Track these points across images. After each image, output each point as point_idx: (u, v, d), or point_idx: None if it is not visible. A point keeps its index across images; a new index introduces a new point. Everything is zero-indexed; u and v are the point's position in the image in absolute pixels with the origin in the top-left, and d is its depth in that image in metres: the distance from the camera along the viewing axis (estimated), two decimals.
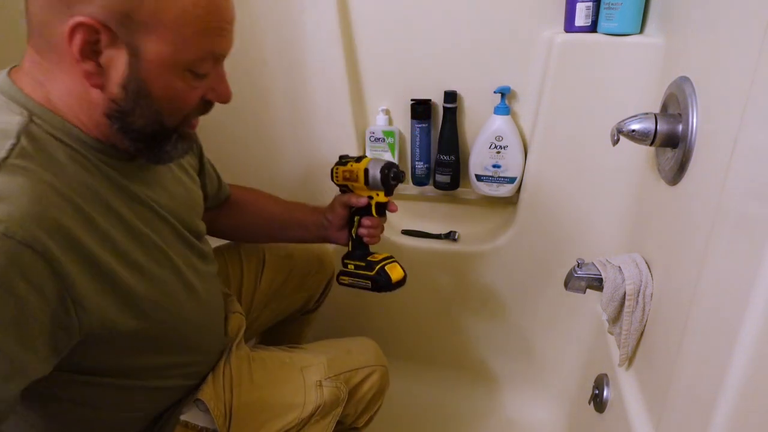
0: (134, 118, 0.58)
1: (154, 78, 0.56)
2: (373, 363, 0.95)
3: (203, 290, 0.75)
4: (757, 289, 0.46)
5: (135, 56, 0.54)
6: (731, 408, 0.50)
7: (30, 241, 0.48)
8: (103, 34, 0.52)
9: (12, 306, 0.48)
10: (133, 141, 0.60)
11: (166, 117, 0.60)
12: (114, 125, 0.58)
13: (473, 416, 1.30)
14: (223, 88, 0.64)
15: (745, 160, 0.52)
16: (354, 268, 0.94)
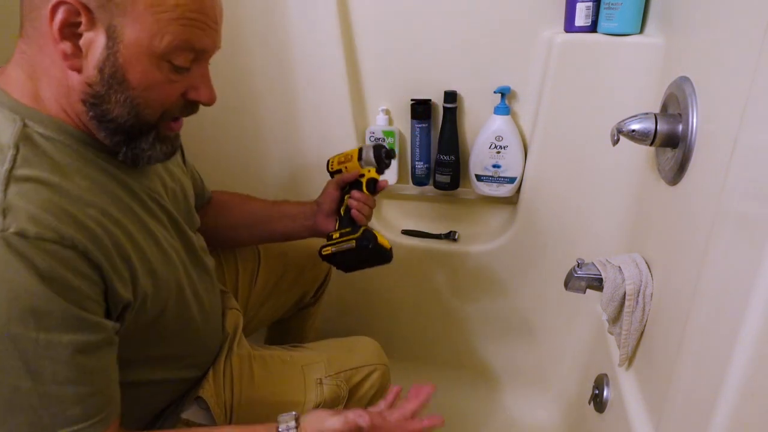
0: (110, 105, 0.57)
1: (131, 63, 0.55)
2: (374, 362, 0.95)
3: (200, 283, 0.76)
4: (757, 289, 0.46)
5: (112, 39, 0.54)
6: (731, 408, 0.50)
7: (61, 239, 0.51)
8: (83, 14, 0.53)
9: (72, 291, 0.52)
10: (109, 133, 0.59)
11: (143, 109, 0.59)
12: (89, 112, 0.57)
13: (473, 416, 1.30)
14: (205, 88, 0.62)
15: (745, 160, 0.52)
16: (339, 236, 0.90)
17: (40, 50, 0.56)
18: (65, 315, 0.52)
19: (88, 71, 0.55)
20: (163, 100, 0.60)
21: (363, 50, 1.12)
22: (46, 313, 0.50)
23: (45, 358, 0.51)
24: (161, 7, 0.54)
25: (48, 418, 0.53)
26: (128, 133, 0.60)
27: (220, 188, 0.98)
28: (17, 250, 0.48)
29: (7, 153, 0.52)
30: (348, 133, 1.16)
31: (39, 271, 0.49)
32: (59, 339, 0.52)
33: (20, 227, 0.49)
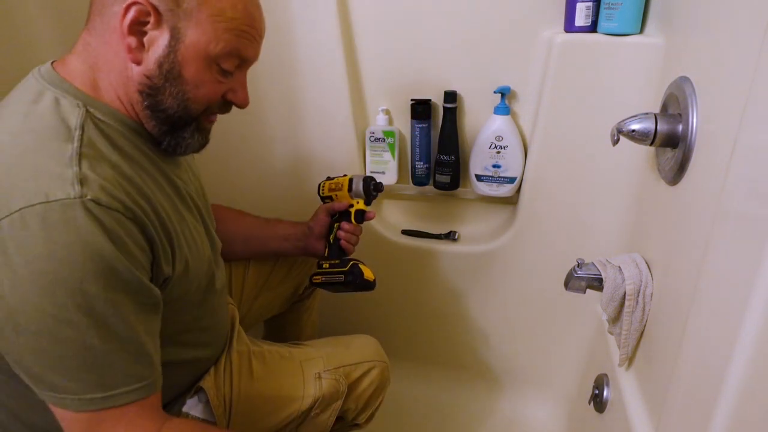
0: (164, 97, 0.63)
1: (188, 62, 0.62)
2: (374, 358, 0.95)
3: (219, 279, 0.79)
4: (757, 289, 0.46)
5: (175, 39, 0.61)
6: (731, 408, 0.50)
7: (125, 210, 0.56)
8: (153, 15, 0.59)
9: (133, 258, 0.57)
10: (158, 121, 0.65)
11: (191, 103, 0.65)
12: (144, 101, 0.63)
13: (473, 416, 1.30)
14: (242, 91, 0.70)
15: (745, 160, 0.52)
16: (329, 267, 0.98)
17: (105, 43, 0.61)
18: (129, 277, 0.56)
19: (149, 65, 0.61)
20: (209, 97, 0.66)
21: (363, 50, 1.12)
22: (115, 274, 0.55)
23: (112, 316, 0.56)
24: (221, 17, 0.61)
25: (111, 376, 0.57)
26: (174, 124, 0.66)
27: (224, 187, 0.99)
28: (93, 214, 0.53)
29: (74, 133, 0.57)
30: (348, 133, 1.16)
31: (110, 235, 0.54)
32: (124, 299, 0.56)
33: (96, 195, 0.54)
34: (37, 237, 0.52)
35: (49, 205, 0.52)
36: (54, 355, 0.55)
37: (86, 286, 0.53)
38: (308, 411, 0.85)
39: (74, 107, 0.60)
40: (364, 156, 1.21)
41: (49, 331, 0.54)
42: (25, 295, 0.52)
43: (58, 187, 0.53)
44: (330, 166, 1.21)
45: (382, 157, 1.19)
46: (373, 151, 1.19)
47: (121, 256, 0.55)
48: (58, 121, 0.58)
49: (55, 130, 0.57)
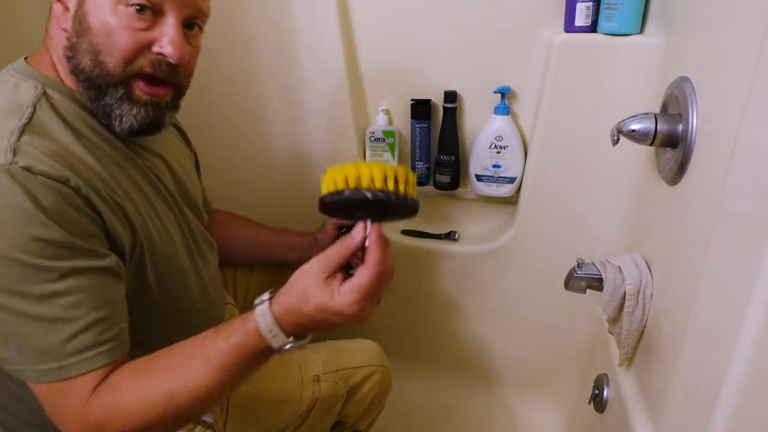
0: (79, 55, 0.61)
1: (92, 9, 0.60)
2: (374, 363, 0.95)
3: (203, 266, 0.78)
4: (757, 289, 0.46)
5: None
6: (731, 408, 0.50)
7: (64, 179, 0.54)
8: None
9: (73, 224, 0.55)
10: (84, 87, 0.62)
11: (105, 56, 0.60)
12: (69, 65, 0.62)
13: (473, 416, 1.30)
14: (168, 40, 0.61)
15: (745, 160, 0.52)
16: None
17: (51, 23, 0.63)
18: (66, 243, 0.54)
19: (68, 25, 0.61)
20: (123, 46, 0.60)
21: (363, 50, 1.12)
22: (48, 241, 0.53)
23: (49, 282, 0.53)
24: None
25: (57, 345, 0.54)
26: (98, 87, 0.62)
27: (223, 187, 0.99)
28: (22, 181, 0.52)
29: (25, 111, 0.57)
30: (348, 133, 1.16)
31: (40, 203, 0.52)
32: (61, 265, 0.54)
33: (27, 163, 0.53)
34: None
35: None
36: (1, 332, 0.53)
37: (17, 254, 0.52)
38: (306, 413, 0.85)
39: (31, 89, 0.60)
40: (364, 156, 1.21)
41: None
42: None
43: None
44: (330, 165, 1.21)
45: (382, 157, 1.19)
46: (373, 151, 1.19)
47: (52, 223, 0.53)
48: (12, 102, 0.58)
49: (7, 109, 0.58)
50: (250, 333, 0.58)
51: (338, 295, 0.57)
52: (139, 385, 0.56)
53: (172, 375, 0.56)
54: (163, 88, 0.64)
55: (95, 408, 0.55)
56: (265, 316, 0.58)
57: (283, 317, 0.58)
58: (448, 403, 1.33)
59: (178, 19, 0.63)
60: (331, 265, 0.59)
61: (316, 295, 0.57)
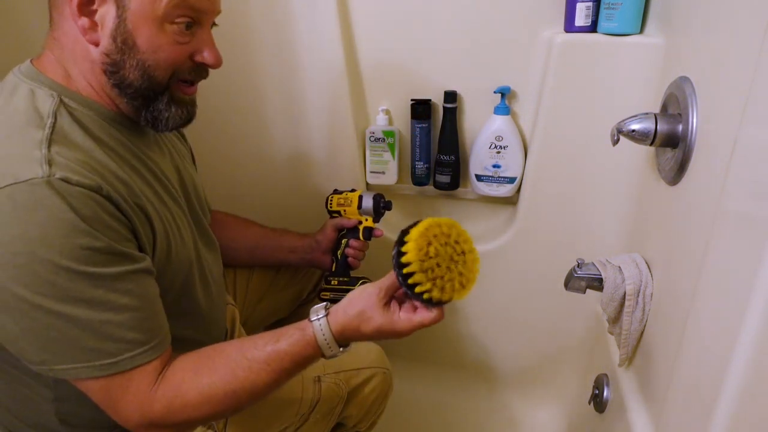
0: (125, 71, 0.63)
1: (138, 29, 0.61)
2: (376, 365, 0.95)
3: (210, 268, 0.79)
4: (757, 289, 0.46)
5: (121, 8, 0.60)
6: (731, 408, 0.50)
7: (97, 188, 0.56)
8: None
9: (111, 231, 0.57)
10: (129, 98, 0.65)
11: (154, 71, 0.64)
12: (110, 81, 0.63)
13: (473, 416, 1.30)
14: (209, 50, 0.67)
15: (745, 160, 0.52)
16: (337, 284, 0.99)
17: (65, 34, 0.62)
18: (109, 249, 0.57)
19: (105, 42, 0.61)
20: (171, 61, 0.64)
21: (363, 50, 1.12)
22: (93, 249, 0.55)
23: (98, 287, 0.56)
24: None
25: (110, 345, 0.58)
26: (145, 97, 0.65)
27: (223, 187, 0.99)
28: (62, 192, 0.54)
29: (47, 120, 0.58)
30: (348, 133, 1.16)
31: (81, 212, 0.55)
32: (108, 271, 0.57)
33: (64, 174, 0.54)
34: (9, 218, 0.53)
35: (18, 186, 0.53)
36: (48, 336, 0.56)
37: (65, 262, 0.54)
38: (307, 414, 0.85)
39: (48, 97, 0.61)
40: (364, 156, 1.21)
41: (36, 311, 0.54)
42: (7, 278, 0.53)
43: (26, 168, 0.53)
44: (330, 165, 1.21)
45: (382, 157, 1.19)
46: (373, 151, 1.19)
47: (94, 231, 0.55)
48: (31, 111, 0.59)
49: (28, 118, 0.58)
50: (309, 344, 0.65)
51: (399, 321, 0.66)
52: (204, 382, 0.62)
53: (235, 376, 0.63)
54: (194, 86, 0.70)
55: (160, 400, 0.61)
56: (323, 331, 0.66)
57: (340, 333, 0.66)
58: (448, 403, 1.33)
59: (209, 26, 0.68)
60: (389, 293, 0.67)
61: (377, 318, 0.65)
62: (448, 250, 0.63)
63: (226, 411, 0.65)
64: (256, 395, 0.64)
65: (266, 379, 0.63)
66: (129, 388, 0.60)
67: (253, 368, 0.63)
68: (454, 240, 0.64)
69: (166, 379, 0.62)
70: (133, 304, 0.59)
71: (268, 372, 0.63)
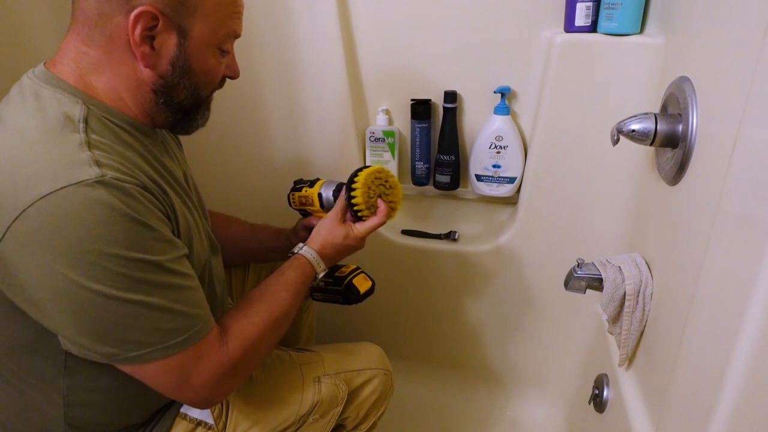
0: (177, 92, 0.67)
1: (195, 55, 0.65)
2: (376, 366, 0.95)
3: (216, 269, 0.80)
4: (757, 289, 0.46)
5: (183, 37, 0.63)
6: (731, 408, 0.50)
7: (141, 185, 0.59)
8: (160, 19, 0.61)
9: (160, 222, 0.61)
10: (173, 112, 0.69)
11: (201, 89, 0.69)
12: (159, 99, 0.67)
13: (473, 416, 1.30)
14: (234, 64, 0.74)
15: (745, 160, 0.52)
16: (324, 285, 0.97)
17: (108, 53, 0.63)
18: (163, 238, 0.61)
19: (162, 67, 0.64)
20: (214, 80, 0.71)
21: (363, 50, 1.12)
22: (152, 239, 0.59)
23: (162, 272, 0.60)
24: (220, 7, 0.65)
25: (180, 322, 0.62)
26: (187, 111, 0.70)
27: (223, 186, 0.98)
28: (118, 190, 0.56)
29: (79, 125, 0.60)
30: (348, 133, 1.16)
31: (137, 208, 0.58)
32: (167, 257, 0.61)
33: (114, 174, 0.57)
34: (70, 220, 0.54)
35: (72, 188, 0.54)
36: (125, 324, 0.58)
37: (131, 253, 0.57)
38: (306, 415, 0.85)
39: (74, 104, 0.61)
40: (364, 156, 1.21)
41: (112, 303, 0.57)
42: (80, 277, 0.55)
43: (76, 170, 0.55)
44: (330, 165, 1.21)
45: (382, 157, 1.19)
46: (373, 151, 1.19)
47: (151, 223, 0.59)
48: (61, 115, 0.59)
49: (60, 123, 0.59)
50: (304, 266, 0.83)
51: (356, 228, 0.88)
52: (255, 320, 0.72)
53: (272, 306, 0.75)
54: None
55: (235, 351, 0.67)
56: (310, 253, 0.84)
57: (321, 249, 0.85)
58: (448, 403, 1.33)
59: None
60: (342, 216, 0.89)
61: (341, 230, 0.87)
62: (380, 188, 0.91)
63: (276, 337, 0.75)
64: (288, 316, 0.77)
65: (290, 301, 0.77)
66: (202, 355, 0.64)
67: (279, 296, 0.76)
68: (384, 179, 0.91)
69: (230, 333, 0.68)
70: (190, 284, 0.64)
71: (289, 295, 0.77)
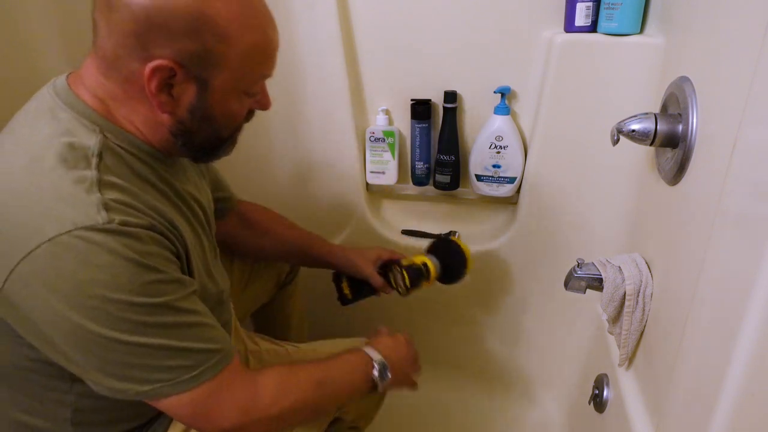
0: (197, 135, 0.65)
1: (217, 103, 0.63)
2: None
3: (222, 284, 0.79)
4: (757, 289, 0.46)
5: (203, 87, 0.61)
6: (731, 408, 0.50)
7: (150, 226, 0.59)
8: (179, 72, 0.58)
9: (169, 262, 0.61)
10: (193, 152, 0.68)
11: (223, 131, 0.67)
12: (178, 142, 0.65)
13: (473, 416, 1.30)
14: (265, 98, 0.71)
15: (745, 160, 0.52)
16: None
17: (125, 91, 0.61)
18: (171, 279, 0.60)
19: (180, 113, 0.62)
20: (239, 120, 0.68)
21: (363, 50, 1.12)
22: (158, 281, 0.58)
23: (169, 313, 0.59)
24: (247, 58, 0.61)
25: (191, 359, 0.61)
26: (210, 149, 0.69)
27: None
28: (124, 235, 0.56)
29: (92, 160, 0.58)
30: (348, 133, 1.16)
31: (144, 251, 0.57)
32: (173, 297, 0.60)
33: (122, 219, 0.56)
34: (75, 263, 0.54)
35: (79, 231, 0.54)
36: (130, 363, 0.58)
37: (135, 298, 0.56)
38: None
39: (91, 132, 0.60)
40: (364, 156, 1.21)
41: (114, 344, 0.57)
42: (84, 319, 0.55)
43: (84, 214, 0.54)
44: (330, 165, 1.21)
45: (382, 157, 1.19)
46: (373, 151, 1.19)
47: (157, 266, 0.58)
48: (76, 145, 0.58)
49: (73, 156, 0.57)
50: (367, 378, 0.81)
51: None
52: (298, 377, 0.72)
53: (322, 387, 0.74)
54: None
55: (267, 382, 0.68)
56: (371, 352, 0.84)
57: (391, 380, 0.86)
58: (448, 403, 1.33)
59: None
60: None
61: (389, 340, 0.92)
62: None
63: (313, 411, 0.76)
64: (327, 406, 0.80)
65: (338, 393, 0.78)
66: (222, 389, 0.63)
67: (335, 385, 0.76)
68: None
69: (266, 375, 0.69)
70: (200, 320, 0.63)
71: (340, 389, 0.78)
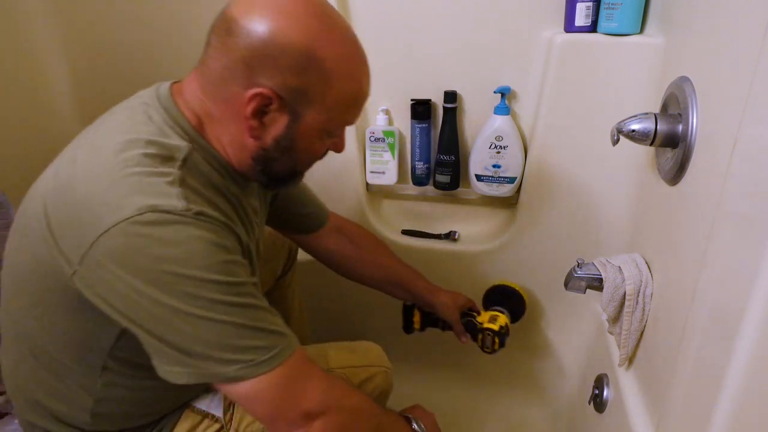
0: (276, 164, 0.69)
1: (303, 137, 0.66)
2: (377, 364, 0.95)
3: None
4: (757, 289, 0.46)
5: (294, 121, 0.64)
6: (731, 408, 0.50)
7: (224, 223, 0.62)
8: (276, 101, 0.62)
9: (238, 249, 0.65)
10: (267, 179, 0.71)
11: (299, 165, 0.72)
12: (257, 167, 0.69)
13: (473, 416, 1.30)
14: (342, 143, 0.74)
15: (745, 160, 0.52)
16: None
17: (221, 112, 0.65)
18: (240, 262, 0.63)
19: (266, 140, 0.66)
20: (316, 158, 0.73)
21: None
22: (230, 262, 0.61)
23: (244, 295, 0.62)
24: (341, 102, 0.65)
25: (267, 340, 0.63)
26: (284, 179, 0.73)
27: None
28: (201, 222, 0.59)
29: (177, 162, 0.62)
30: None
31: (218, 235, 0.61)
32: (244, 280, 0.62)
33: (200, 209, 0.60)
34: (152, 241, 0.56)
35: (158, 214, 0.57)
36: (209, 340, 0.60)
37: (211, 275, 0.59)
38: None
39: (181, 140, 0.64)
40: (364, 156, 1.21)
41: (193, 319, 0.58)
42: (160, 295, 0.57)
43: (166, 201, 0.58)
44: (330, 165, 1.21)
45: (382, 157, 1.19)
46: (373, 151, 1.19)
47: (230, 249, 0.62)
48: (165, 147, 0.62)
49: (161, 154, 0.61)
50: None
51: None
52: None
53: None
54: None
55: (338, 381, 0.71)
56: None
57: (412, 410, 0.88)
58: (447, 403, 1.33)
59: None
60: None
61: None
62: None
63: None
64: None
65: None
66: (301, 371, 0.65)
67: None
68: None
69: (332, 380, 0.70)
70: (266, 306, 0.65)
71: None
